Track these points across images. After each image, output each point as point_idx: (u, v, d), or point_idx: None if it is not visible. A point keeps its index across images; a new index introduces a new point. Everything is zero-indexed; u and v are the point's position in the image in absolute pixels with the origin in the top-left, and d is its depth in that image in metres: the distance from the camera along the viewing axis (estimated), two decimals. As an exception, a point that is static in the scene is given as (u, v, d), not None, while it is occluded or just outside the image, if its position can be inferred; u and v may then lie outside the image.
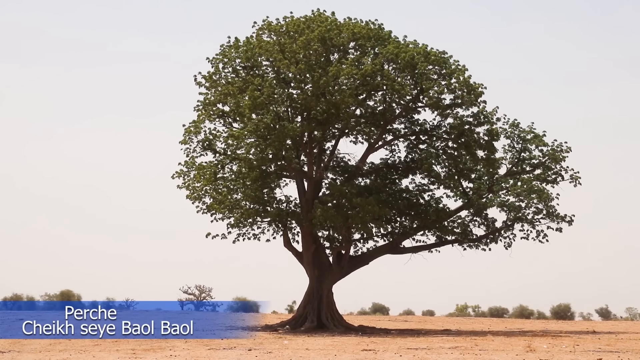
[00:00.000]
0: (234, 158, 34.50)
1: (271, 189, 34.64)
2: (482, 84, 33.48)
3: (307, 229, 34.55)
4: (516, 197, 36.45)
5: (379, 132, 35.46)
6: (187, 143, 34.62)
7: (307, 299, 35.26)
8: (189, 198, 34.53)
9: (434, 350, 23.47)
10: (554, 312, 61.05)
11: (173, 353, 21.71)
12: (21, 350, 22.45)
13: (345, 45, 33.81)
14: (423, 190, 36.55)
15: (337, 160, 36.51)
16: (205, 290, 59.85)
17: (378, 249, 36.89)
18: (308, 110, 33.47)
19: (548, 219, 36.34)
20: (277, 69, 33.72)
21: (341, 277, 36.50)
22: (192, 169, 34.88)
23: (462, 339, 28.45)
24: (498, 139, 35.12)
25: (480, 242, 36.94)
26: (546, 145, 36.48)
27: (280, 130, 31.96)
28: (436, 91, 33.15)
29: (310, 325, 34.12)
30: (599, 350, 23.94)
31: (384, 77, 33.03)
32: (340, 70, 32.03)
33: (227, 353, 21.87)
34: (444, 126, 35.23)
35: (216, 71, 34.39)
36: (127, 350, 22.51)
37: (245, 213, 33.34)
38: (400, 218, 35.99)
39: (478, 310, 64.72)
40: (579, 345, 25.88)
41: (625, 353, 22.88)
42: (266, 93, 32.08)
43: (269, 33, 34.27)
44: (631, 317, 61.50)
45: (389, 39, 34.17)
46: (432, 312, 64.58)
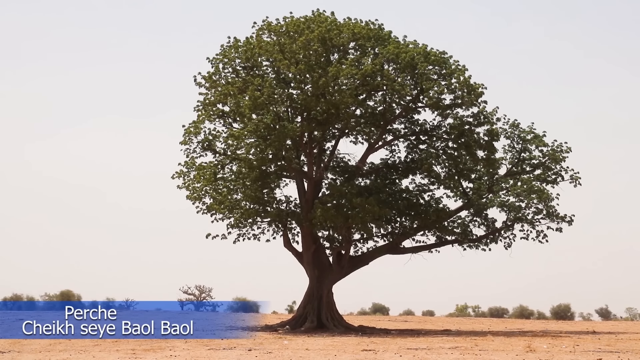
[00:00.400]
0: (234, 158, 34.50)
1: (271, 189, 34.63)
2: (482, 84, 33.53)
3: (307, 229, 34.56)
4: (516, 197, 36.46)
5: (379, 132, 35.46)
6: (187, 143, 34.63)
7: (307, 299, 35.26)
8: (189, 198, 34.54)
9: (434, 350, 23.47)
10: (554, 313, 61.02)
11: (173, 353, 21.71)
12: (21, 351, 22.45)
13: (345, 45, 33.83)
14: (423, 191, 36.57)
15: (337, 160, 36.52)
16: (205, 290, 59.90)
17: (378, 249, 36.90)
18: (308, 110, 33.48)
19: (548, 219, 36.35)
20: (277, 69, 33.73)
21: (341, 277, 36.50)
22: (192, 169, 34.89)
23: (462, 339, 28.44)
24: (498, 139, 35.14)
25: (480, 242, 36.94)
26: (546, 146, 36.49)
27: (280, 131, 31.96)
28: (436, 91, 33.16)
29: (310, 325, 34.12)
30: (599, 350, 23.93)
31: (384, 77, 33.03)
32: (340, 71, 32.04)
33: (227, 353, 21.87)
34: (444, 126, 35.25)
35: (216, 71, 34.41)
36: (127, 350, 22.51)
37: (245, 213, 33.34)
38: (400, 218, 35.98)
39: (478, 310, 64.71)
40: (579, 345, 25.87)
41: (625, 353, 22.87)
42: (266, 93, 32.09)
43: (268, 33, 34.28)
44: (631, 317, 61.49)
45: (389, 39, 34.19)
46: (432, 312, 64.56)
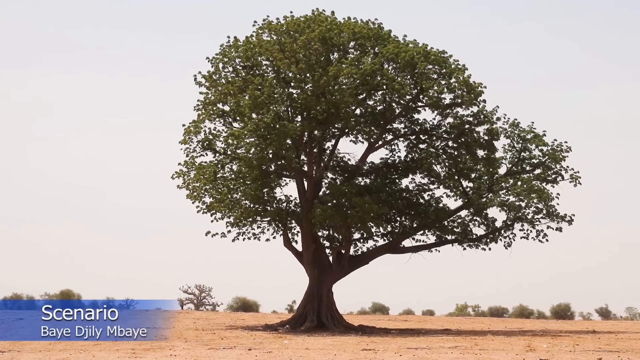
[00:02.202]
0: (234, 158, 34.49)
1: (271, 189, 34.62)
2: (481, 84, 33.53)
3: (307, 229, 34.55)
4: (516, 196, 36.44)
5: (379, 131, 35.44)
6: (187, 143, 34.60)
7: (307, 298, 35.25)
8: (189, 197, 34.53)
9: (434, 349, 23.47)
10: (553, 312, 60.96)
11: (173, 353, 21.71)
12: (21, 350, 22.44)
13: (345, 44, 33.81)
14: (423, 190, 36.54)
15: (337, 159, 36.49)
16: (205, 289, 59.97)
17: (378, 248, 36.87)
18: (308, 109, 33.47)
19: (548, 219, 36.31)
20: (277, 68, 33.72)
21: (341, 277, 36.48)
22: (192, 168, 34.87)
23: (462, 339, 28.44)
24: (498, 138, 35.12)
25: (480, 241, 36.91)
26: (546, 145, 36.45)
27: (281, 130, 31.95)
28: (436, 91, 33.15)
29: (310, 324, 34.11)
30: (599, 349, 23.93)
31: (384, 76, 33.02)
32: (340, 70, 32.02)
33: (227, 352, 21.86)
34: (443, 126, 35.24)
35: (216, 71, 34.39)
36: (127, 349, 22.50)
37: (245, 212, 33.33)
38: (400, 218, 35.95)
39: (478, 309, 64.61)
40: (579, 344, 25.87)
41: (625, 353, 22.87)
42: (266, 92, 32.08)
43: (269, 32, 34.26)
44: (631, 316, 61.42)
45: (388, 39, 34.18)
46: (432, 312, 64.47)
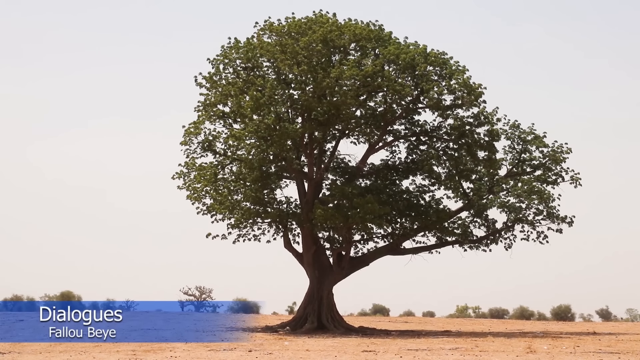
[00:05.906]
0: (235, 159, 34.49)
1: (271, 190, 34.63)
2: (481, 85, 33.54)
3: (307, 230, 34.54)
4: (516, 198, 36.40)
5: (380, 133, 35.43)
6: (187, 144, 34.62)
7: (308, 300, 35.24)
8: (189, 199, 34.53)
9: (434, 351, 23.46)
10: (554, 313, 60.95)
11: (173, 354, 21.70)
12: (21, 352, 22.43)
13: (347, 46, 33.80)
14: (423, 191, 36.54)
15: (337, 161, 36.50)
16: (205, 291, 59.87)
17: (378, 250, 36.87)
18: (309, 111, 33.46)
19: (548, 220, 36.28)
20: (278, 69, 33.71)
21: (341, 278, 36.46)
22: (193, 169, 34.87)
23: (462, 340, 28.43)
24: (498, 139, 35.13)
25: (480, 243, 36.89)
26: (546, 146, 36.47)
27: (281, 131, 31.94)
28: (436, 92, 33.16)
29: (311, 326, 34.10)
30: (600, 351, 23.92)
31: (385, 78, 33.02)
32: (342, 72, 32.00)
33: (227, 354, 21.86)
34: (444, 127, 35.23)
35: (217, 72, 34.37)
36: (127, 351, 22.49)
37: (245, 214, 33.33)
38: (401, 219, 35.95)
39: (478, 311, 64.63)
40: (580, 346, 25.87)
41: (626, 354, 22.86)
42: (268, 94, 32.08)
43: (270, 34, 34.25)
44: (632, 318, 61.41)
45: (389, 40, 34.18)
46: (433, 313, 64.47)
